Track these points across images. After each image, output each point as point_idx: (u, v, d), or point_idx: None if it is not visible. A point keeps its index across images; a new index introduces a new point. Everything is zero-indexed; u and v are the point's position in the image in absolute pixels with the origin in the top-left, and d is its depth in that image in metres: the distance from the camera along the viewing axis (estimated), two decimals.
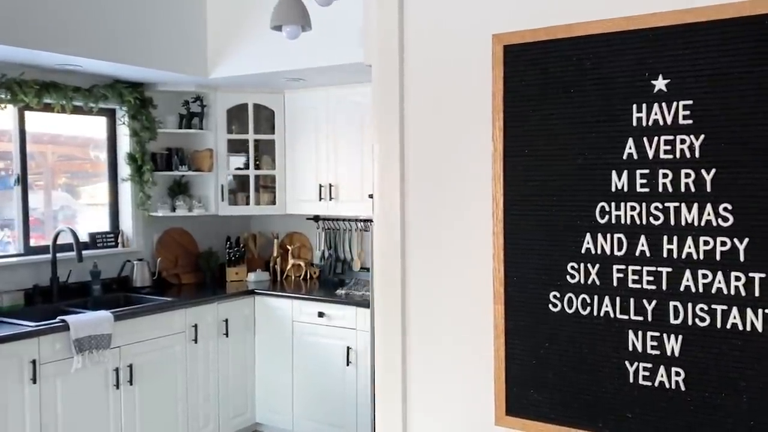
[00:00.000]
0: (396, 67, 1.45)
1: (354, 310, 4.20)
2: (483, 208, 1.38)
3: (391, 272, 1.50)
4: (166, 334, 4.04)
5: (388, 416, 1.51)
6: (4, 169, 4.07)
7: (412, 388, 1.49)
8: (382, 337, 1.51)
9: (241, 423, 4.55)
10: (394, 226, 1.48)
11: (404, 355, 1.49)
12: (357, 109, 4.52)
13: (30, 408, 3.37)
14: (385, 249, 1.50)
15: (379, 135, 1.49)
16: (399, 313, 1.49)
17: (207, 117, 4.81)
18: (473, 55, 1.37)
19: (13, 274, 3.99)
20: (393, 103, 1.46)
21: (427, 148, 1.46)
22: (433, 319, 1.48)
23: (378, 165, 1.49)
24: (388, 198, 1.48)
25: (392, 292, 1.50)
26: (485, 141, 1.37)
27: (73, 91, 4.16)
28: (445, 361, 1.46)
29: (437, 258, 1.46)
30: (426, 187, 1.46)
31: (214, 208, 4.87)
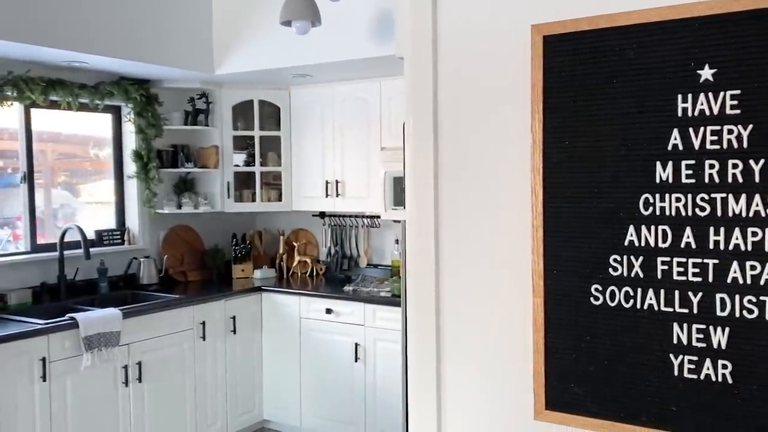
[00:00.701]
0: (429, 60, 1.43)
1: (362, 306, 4.19)
2: (521, 201, 1.37)
3: (424, 268, 1.49)
4: (174, 331, 4.02)
5: (422, 412, 1.50)
6: (4, 167, 4.03)
7: (447, 384, 1.48)
8: (415, 333, 1.50)
9: (249, 420, 4.54)
10: (427, 221, 1.47)
11: (438, 350, 1.48)
12: (363, 105, 4.50)
13: (40, 406, 3.35)
14: (417, 244, 1.49)
15: (412, 129, 1.48)
16: (433, 310, 1.47)
17: (212, 114, 4.79)
18: (510, 46, 1.36)
19: (21, 272, 3.97)
20: (426, 97, 1.45)
21: (461, 141, 1.45)
22: (468, 314, 1.46)
23: (410, 158, 1.47)
24: (421, 192, 1.47)
25: (425, 289, 1.49)
26: (524, 133, 1.35)
27: (79, 89, 4.14)
28: (481, 356, 1.45)
29: (472, 253, 1.45)
30: (460, 180, 1.45)
31: (220, 205, 4.85)
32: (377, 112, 4.44)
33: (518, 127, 1.37)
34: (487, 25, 1.39)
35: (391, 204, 4.33)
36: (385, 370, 4.10)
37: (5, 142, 4.03)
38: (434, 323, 1.48)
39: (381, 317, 4.11)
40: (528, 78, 1.34)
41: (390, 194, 4.32)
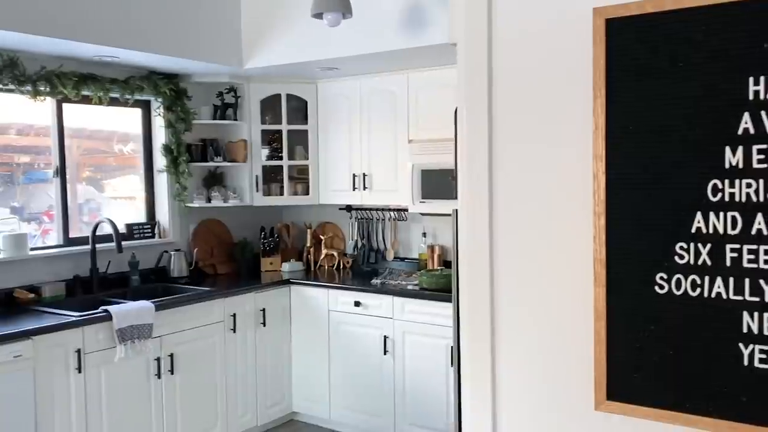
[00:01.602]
0: (484, 45, 1.42)
1: (390, 299, 4.18)
2: (582, 189, 1.35)
3: (478, 258, 1.47)
4: (205, 323, 4.04)
5: (476, 403, 1.49)
6: (32, 163, 4.07)
7: (502, 375, 1.47)
8: (468, 324, 1.49)
9: (279, 412, 4.56)
10: (481, 211, 1.45)
11: (493, 341, 1.47)
12: (391, 98, 4.49)
13: (75, 396, 3.39)
14: (470, 235, 1.47)
15: (466, 116, 1.46)
16: (487, 301, 1.46)
17: (241, 108, 4.80)
18: (571, 30, 1.34)
19: (54, 265, 4.01)
20: (480, 83, 1.43)
21: (518, 128, 1.43)
22: (524, 304, 1.45)
23: (464, 147, 1.46)
24: (474, 181, 1.46)
25: (479, 280, 1.47)
26: (584, 118, 1.34)
27: (110, 83, 4.17)
28: (538, 347, 1.44)
29: (529, 242, 1.44)
30: (516, 168, 1.43)
31: (249, 198, 4.87)
32: (405, 104, 4.42)
33: (579, 113, 1.35)
34: (546, 9, 1.37)
35: (419, 197, 4.32)
36: (414, 363, 4.09)
37: (33, 138, 4.07)
38: (489, 314, 1.47)
39: (410, 310, 4.11)
40: (589, 62, 1.32)
41: (418, 187, 4.31)
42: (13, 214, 3.97)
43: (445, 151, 4.15)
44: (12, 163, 3.92)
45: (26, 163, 4.04)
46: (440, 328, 3.97)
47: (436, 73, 4.26)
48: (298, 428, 4.57)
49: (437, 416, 4.00)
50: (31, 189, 4.10)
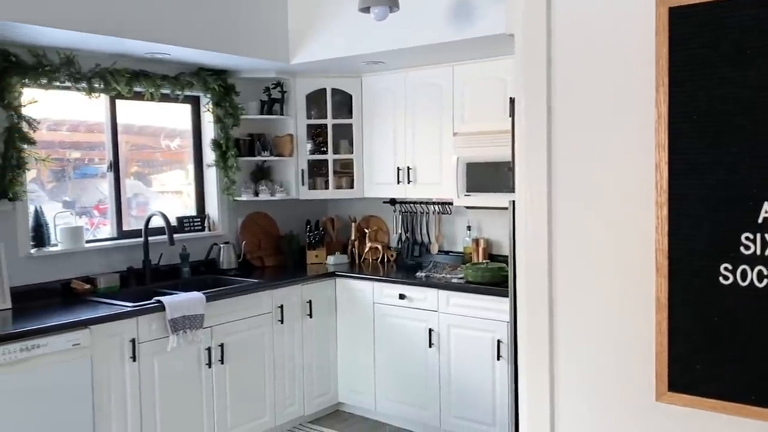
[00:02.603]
0: (543, 35, 1.42)
1: (435, 292, 4.20)
2: (643, 179, 1.34)
3: (536, 251, 1.47)
4: (253, 314, 4.12)
5: (534, 398, 1.50)
6: (82, 158, 4.20)
7: (560, 367, 1.47)
8: (526, 316, 1.49)
9: (325, 402, 4.62)
10: (540, 200, 1.45)
11: (551, 333, 1.47)
12: (436, 91, 4.49)
13: (130, 384, 3.50)
14: (528, 227, 1.48)
15: (524, 107, 1.47)
16: (545, 293, 1.46)
17: (287, 103, 4.87)
18: (632, 18, 1.33)
19: (108, 257, 4.14)
20: (539, 73, 1.44)
21: (577, 118, 1.43)
22: (583, 296, 1.45)
23: (521, 138, 1.46)
24: (532, 173, 1.46)
25: (537, 272, 1.48)
26: (647, 108, 1.33)
27: (161, 79, 4.27)
28: (598, 338, 1.44)
29: (588, 233, 1.43)
30: (576, 158, 1.43)
31: (295, 192, 4.94)
32: (450, 97, 4.42)
33: (641, 102, 1.34)
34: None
35: (463, 190, 4.32)
36: (459, 356, 4.10)
37: (84, 134, 4.20)
38: (546, 307, 1.47)
39: (455, 303, 4.12)
40: (652, 51, 1.31)
41: (463, 180, 4.31)
42: (65, 208, 4.10)
43: (491, 144, 4.14)
44: (64, 159, 4.05)
45: (77, 159, 4.17)
46: (486, 321, 3.97)
47: (482, 66, 4.25)
48: (344, 418, 4.63)
49: (483, 409, 4.01)
50: (83, 184, 4.23)
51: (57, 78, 3.78)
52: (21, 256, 3.73)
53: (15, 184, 3.62)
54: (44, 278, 3.82)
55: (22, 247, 3.74)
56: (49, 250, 3.85)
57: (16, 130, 3.64)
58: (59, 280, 3.88)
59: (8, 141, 3.62)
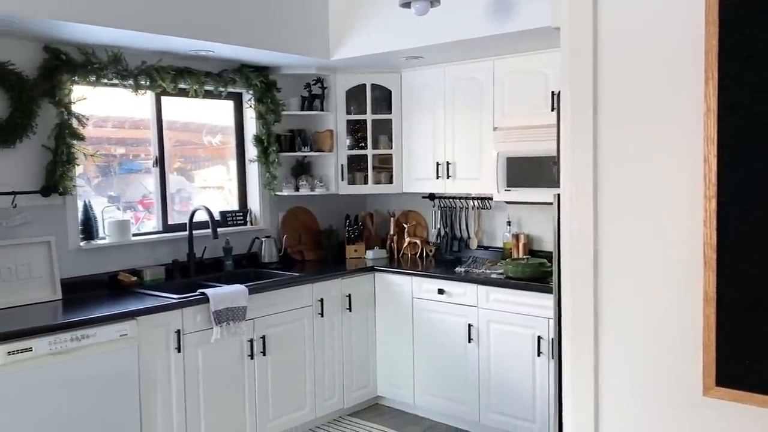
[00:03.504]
0: (589, 28, 1.41)
1: (475, 287, 4.19)
2: (691, 172, 1.33)
3: (582, 243, 1.47)
4: (294, 307, 4.18)
5: (578, 395, 1.49)
6: (126, 154, 4.30)
7: (605, 359, 1.47)
8: (570, 313, 1.49)
9: (364, 395, 4.66)
10: (585, 194, 1.45)
11: (596, 330, 1.47)
12: (476, 86, 4.47)
13: (175, 374, 3.59)
14: (574, 221, 1.47)
15: (570, 100, 1.46)
16: (590, 287, 1.45)
17: (327, 99, 4.91)
18: (681, 10, 1.32)
19: (154, 250, 4.25)
20: (585, 66, 1.43)
21: (624, 112, 1.41)
22: (629, 291, 1.44)
23: (567, 131, 1.46)
24: (579, 166, 1.45)
25: (582, 267, 1.47)
26: (695, 101, 1.31)
27: (205, 76, 4.35)
28: (643, 333, 1.43)
29: (635, 226, 1.42)
30: (622, 152, 1.42)
31: (335, 187, 4.98)
32: (490, 92, 4.40)
33: (689, 95, 1.33)
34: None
35: (504, 185, 4.30)
36: (499, 352, 4.09)
37: (128, 130, 4.30)
38: (592, 303, 1.46)
39: (495, 299, 4.10)
40: (701, 43, 1.29)
41: (503, 175, 4.29)
42: (110, 202, 4.22)
43: (532, 139, 4.11)
44: (109, 155, 4.15)
45: (122, 155, 4.27)
46: (526, 317, 3.95)
47: (522, 59, 4.22)
48: (383, 412, 4.66)
49: (523, 406, 3.99)
50: (127, 179, 4.34)
51: (105, 75, 3.89)
52: (71, 248, 3.85)
53: (65, 178, 3.74)
54: (93, 270, 3.94)
55: (72, 240, 3.86)
56: (98, 243, 3.97)
57: (66, 126, 3.75)
58: (107, 272, 3.99)
59: (59, 137, 3.74)
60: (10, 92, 3.55)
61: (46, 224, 3.75)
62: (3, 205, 3.56)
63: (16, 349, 2.99)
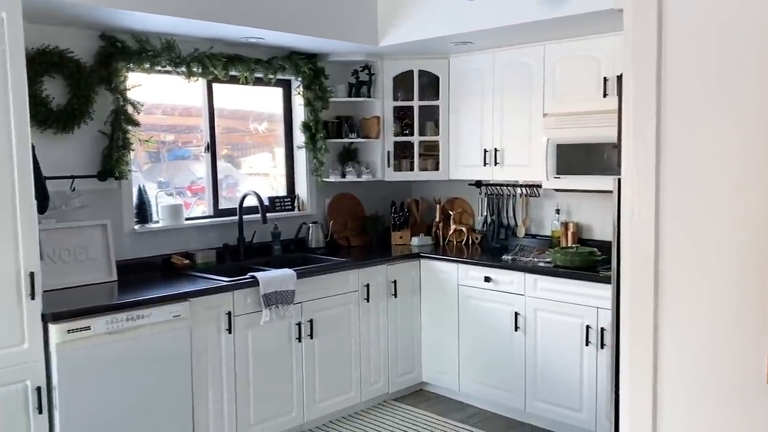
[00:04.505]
0: (654, 9, 1.37)
1: (522, 275, 4.16)
2: (759, 158, 1.29)
3: (643, 231, 1.44)
4: (341, 292, 4.22)
5: (636, 385, 1.47)
6: (175, 141, 4.38)
7: (664, 355, 1.44)
8: (629, 303, 1.46)
9: (409, 381, 4.69)
10: (647, 180, 1.42)
11: (656, 321, 1.44)
12: (525, 71, 4.41)
13: (226, 355, 3.67)
14: (635, 205, 1.44)
15: (632, 84, 1.43)
16: (651, 279, 1.43)
17: (374, 85, 4.91)
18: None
19: (205, 234, 4.34)
20: (649, 49, 1.39)
21: (689, 95, 1.38)
22: (691, 279, 1.41)
23: (630, 115, 1.43)
24: (641, 151, 1.42)
25: (643, 254, 1.44)
26: (765, 82, 1.27)
27: (255, 63, 4.41)
28: (705, 324, 1.40)
29: (699, 214, 1.38)
30: (687, 137, 1.38)
31: (381, 173, 4.99)
32: (540, 77, 4.33)
33: (758, 79, 1.28)
34: None
35: (553, 172, 4.24)
36: (546, 341, 4.06)
37: (177, 117, 4.38)
38: (652, 291, 1.44)
39: (542, 287, 4.07)
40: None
41: (553, 162, 4.23)
42: (159, 188, 4.32)
43: (583, 125, 4.04)
44: (159, 141, 4.24)
45: (171, 142, 4.36)
46: (575, 306, 3.90)
47: (574, 44, 4.14)
48: (428, 398, 4.68)
49: (570, 395, 3.96)
50: (176, 165, 4.43)
51: (158, 62, 3.98)
52: (126, 231, 3.97)
53: (121, 163, 3.85)
54: (146, 253, 4.06)
55: (127, 223, 3.98)
56: (151, 227, 4.08)
57: (121, 112, 3.86)
58: (160, 255, 4.10)
59: (114, 123, 3.84)
60: (69, 79, 3.66)
61: (103, 208, 3.87)
62: (62, 188, 3.68)
63: (75, 328, 3.10)
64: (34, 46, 3.51)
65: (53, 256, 3.60)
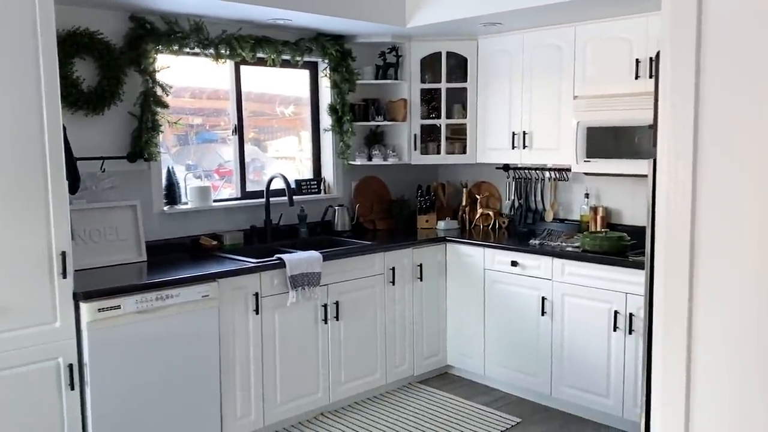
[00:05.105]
0: None
1: (549, 260, 4.12)
2: None
3: (679, 215, 1.40)
4: (367, 275, 4.23)
5: (670, 373, 1.44)
6: (203, 124, 4.40)
7: (699, 342, 1.41)
8: (663, 287, 1.43)
9: (434, 364, 4.69)
10: (685, 161, 1.37)
11: (690, 310, 1.40)
12: (555, 53, 4.34)
13: (253, 335, 3.70)
14: (671, 188, 1.40)
15: (670, 62, 1.39)
16: (686, 258, 1.39)
17: (401, 67, 4.87)
18: None
19: (233, 216, 4.37)
20: (689, 24, 1.35)
21: (730, 73, 1.33)
22: (728, 266, 1.36)
23: (667, 93, 1.39)
24: (679, 130, 1.38)
25: (678, 238, 1.40)
26: None
27: (282, 45, 4.40)
28: (741, 311, 1.36)
29: (739, 198, 1.34)
30: (727, 116, 1.34)
31: (407, 157, 4.97)
32: (570, 59, 4.26)
33: None
34: None
35: (583, 156, 4.18)
36: (573, 326, 4.02)
37: (204, 101, 4.39)
38: (687, 276, 1.40)
39: (570, 272, 4.02)
40: None
41: (582, 145, 4.17)
42: (187, 171, 4.34)
43: (614, 108, 3.97)
44: (186, 125, 4.26)
45: (198, 125, 4.38)
46: (603, 291, 3.86)
47: (605, 26, 4.06)
48: (453, 381, 4.68)
49: (597, 380, 3.93)
50: (203, 149, 4.45)
51: (187, 44, 3.99)
52: (155, 212, 4.01)
53: (150, 145, 3.88)
54: (175, 234, 4.10)
55: (156, 204, 4.02)
56: (180, 208, 4.12)
57: (150, 94, 3.88)
58: (189, 236, 4.14)
59: (144, 104, 3.87)
60: (99, 61, 3.69)
61: (132, 189, 3.91)
62: (92, 169, 3.73)
63: (106, 307, 3.15)
64: (65, 27, 3.54)
65: (84, 236, 3.66)
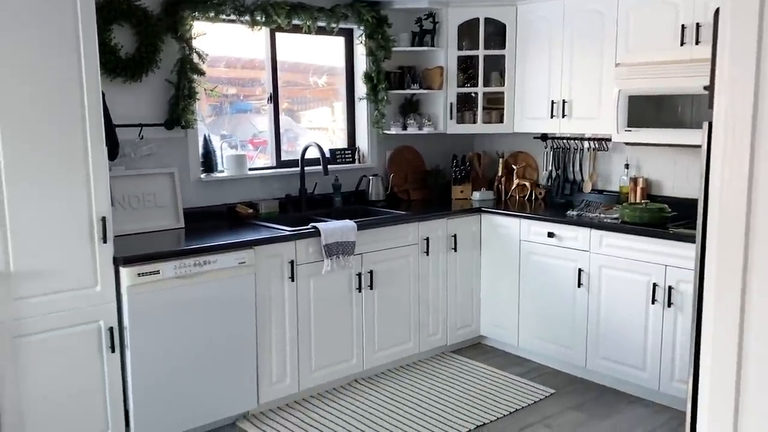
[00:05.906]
0: None
1: (587, 231, 4.05)
2: None
3: (735, 182, 1.34)
4: (401, 245, 4.22)
5: (720, 348, 1.40)
6: (237, 94, 4.39)
7: (752, 317, 1.36)
8: (716, 261, 1.38)
9: (467, 334, 4.69)
10: (744, 122, 1.31)
11: (745, 278, 1.35)
12: (597, 19, 4.21)
13: (289, 302, 3.74)
14: (728, 152, 1.35)
15: (730, 19, 1.32)
16: (742, 232, 1.33)
17: (438, 34, 4.79)
18: None
19: (268, 184, 4.39)
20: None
21: None
22: None
23: (726, 51, 1.32)
24: (738, 91, 1.31)
25: (734, 207, 1.35)
26: None
27: (318, 12, 4.35)
28: None
29: None
30: None
31: (443, 126, 4.91)
32: (613, 25, 4.13)
33: None
34: None
35: (624, 125, 4.08)
36: (610, 298, 3.97)
37: (239, 70, 4.37)
38: (742, 251, 1.35)
39: (608, 244, 3.96)
40: None
41: (624, 114, 4.06)
42: (222, 140, 4.35)
43: (658, 76, 3.85)
44: (221, 95, 4.26)
45: (233, 95, 4.37)
46: (642, 264, 3.79)
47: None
48: (486, 351, 4.68)
49: (634, 353, 3.88)
50: (238, 118, 4.45)
51: (223, 11, 3.97)
52: (192, 180, 4.05)
53: (187, 112, 3.90)
54: (212, 201, 4.13)
55: (194, 171, 4.05)
56: (216, 176, 4.14)
57: (187, 61, 3.88)
58: (225, 204, 4.17)
59: (180, 72, 3.88)
60: (137, 27, 3.70)
61: (170, 156, 3.94)
62: (131, 137, 3.76)
63: (145, 272, 3.20)
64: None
65: (123, 202, 3.71)
